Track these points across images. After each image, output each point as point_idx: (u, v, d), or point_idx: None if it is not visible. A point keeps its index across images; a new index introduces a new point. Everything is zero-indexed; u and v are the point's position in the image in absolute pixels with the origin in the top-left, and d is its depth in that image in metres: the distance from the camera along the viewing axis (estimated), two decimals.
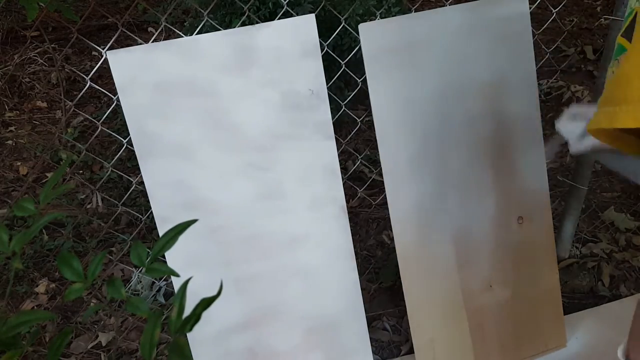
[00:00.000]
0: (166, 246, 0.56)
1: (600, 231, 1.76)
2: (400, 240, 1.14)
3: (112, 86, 1.00)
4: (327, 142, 1.08)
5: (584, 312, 1.47)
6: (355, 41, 1.99)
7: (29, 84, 2.58)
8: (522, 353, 1.29)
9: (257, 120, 1.04)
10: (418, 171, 1.13)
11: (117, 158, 1.33)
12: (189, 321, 0.48)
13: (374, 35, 1.06)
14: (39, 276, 1.65)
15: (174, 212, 1.03)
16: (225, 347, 1.12)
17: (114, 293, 0.53)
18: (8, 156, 2.19)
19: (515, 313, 1.26)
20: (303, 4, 1.90)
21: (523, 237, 1.23)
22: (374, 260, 1.68)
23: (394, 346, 1.44)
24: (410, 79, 1.09)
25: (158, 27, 1.11)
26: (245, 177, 1.06)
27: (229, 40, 1.01)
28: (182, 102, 1.00)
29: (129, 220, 1.88)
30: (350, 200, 1.89)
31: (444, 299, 1.20)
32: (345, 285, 1.15)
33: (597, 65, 2.67)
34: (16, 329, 0.49)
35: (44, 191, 0.58)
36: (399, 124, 1.10)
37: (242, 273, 1.10)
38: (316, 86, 1.05)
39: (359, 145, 2.18)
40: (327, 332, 1.16)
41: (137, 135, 1.00)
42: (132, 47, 0.97)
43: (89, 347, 1.47)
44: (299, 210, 1.10)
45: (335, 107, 1.29)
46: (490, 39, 1.13)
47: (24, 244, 0.54)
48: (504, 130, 1.18)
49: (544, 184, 1.23)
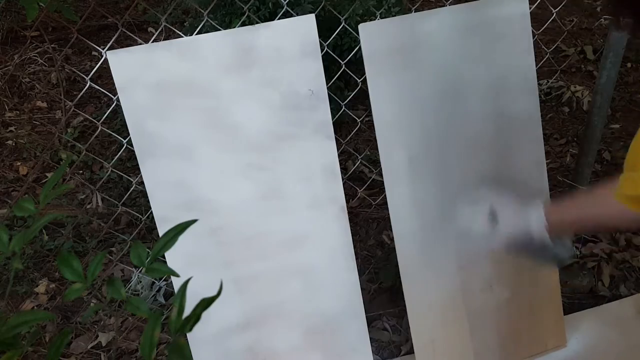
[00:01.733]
0: (166, 246, 0.56)
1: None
2: (400, 240, 1.14)
3: (112, 86, 1.00)
4: (327, 142, 1.08)
5: (584, 312, 1.47)
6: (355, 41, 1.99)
7: (29, 84, 2.58)
8: (522, 353, 1.29)
9: (257, 120, 1.04)
10: (418, 171, 1.13)
11: (117, 158, 1.34)
12: (189, 321, 0.48)
13: (373, 35, 1.06)
14: (39, 276, 1.65)
15: (174, 212, 1.03)
16: (225, 347, 1.12)
17: (114, 293, 0.53)
18: (8, 156, 2.19)
19: (515, 313, 1.26)
20: (303, 4, 1.90)
21: None
22: (374, 260, 1.68)
23: (394, 346, 1.44)
24: (410, 79, 1.09)
25: (158, 27, 1.11)
26: (245, 177, 1.06)
27: (229, 40, 1.01)
28: (182, 102, 1.00)
29: (129, 220, 1.88)
30: (350, 200, 1.89)
31: (444, 299, 1.20)
32: (345, 285, 1.15)
33: (597, 65, 2.67)
34: (16, 329, 0.49)
35: (44, 191, 0.58)
36: (399, 124, 1.10)
37: (242, 273, 1.10)
38: (316, 86, 1.05)
39: (359, 145, 2.18)
40: (327, 332, 1.16)
41: (137, 135, 1.00)
42: (132, 47, 0.97)
43: (89, 347, 1.47)
44: (299, 210, 1.10)
45: (335, 107, 1.28)
46: (490, 39, 1.13)
47: (24, 244, 0.54)
48: (504, 130, 1.18)
49: (544, 184, 1.23)
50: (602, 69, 1.37)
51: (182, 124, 1.01)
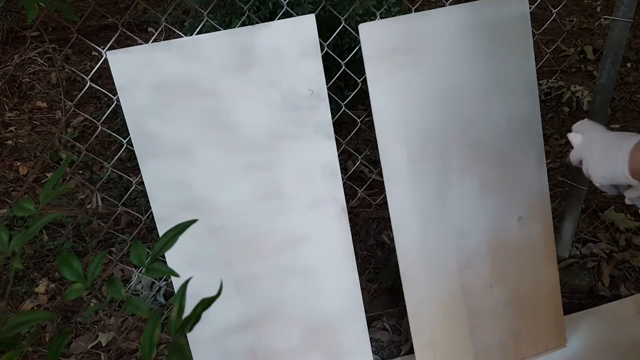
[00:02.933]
0: (166, 246, 0.56)
1: (600, 231, 1.76)
2: (400, 240, 1.14)
3: (112, 86, 1.00)
4: (327, 142, 1.08)
5: (584, 312, 1.47)
6: (355, 41, 1.99)
7: (29, 84, 2.58)
8: (522, 353, 1.29)
9: (257, 120, 1.04)
10: (418, 171, 1.13)
11: (117, 158, 1.34)
12: (189, 321, 0.48)
13: (374, 35, 1.06)
14: (39, 276, 1.65)
15: (174, 212, 1.03)
16: (225, 347, 1.12)
17: (114, 293, 0.53)
18: (8, 156, 2.19)
19: (515, 313, 1.26)
20: (303, 4, 1.90)
21: (523, 237, 1.23)
22: (374, 260, 1.68)
23: (394, 346, 1.44)
24: (410, 78, 1.09)
25: (158, 27, 1.11)
26: (245, 177, 1.06)
27: (229, 40, 1.01)
28: (182, 102, 1.00)
29: (129, 220, 1.88)
30: (350, 200, 1.89)
31: (444, 299, 1.20)
32: (345, 285, 1.15)
33: (597, 65, 2.67)
34: (16, 329, 0.49)
35: (44, 191, 0.58)
36: (399, 124, 1.10)
37: (242, 273, 1.10)
38: (316, 86, 1.05)
39: (359, 145, 2.18)
40: (327, 332, 1.16)
41: (137, 135, 1.00)
42: (132, 47, 0.97)
43: (89, 347, 1.47)
44: (299, 210, 1.10)
45: (335, 107, 1.29)
46: (490, 38, 1.13)
47: (24, 244, 0.54)
48: (504, 130, 1.18)
49: (544, 184, 1.23)
50: (602, 69, 1.37)
51: (182, 124, 1.01)
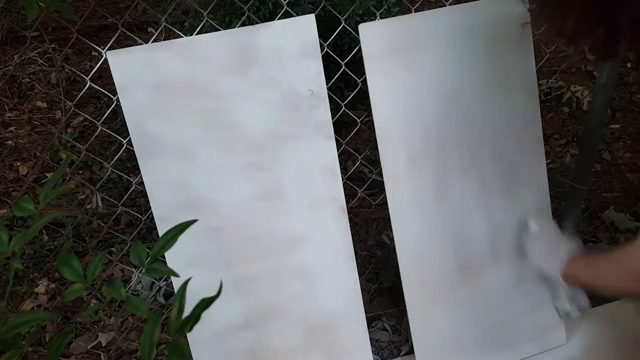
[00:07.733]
0: (166, 246, 0.56)
1: (600, 231, 1.75)
2: (400, 240, 1.14)
3: (112, 86, 1.00)
4: (327, 142, 1.08)
5: (584, 312, 1.46)
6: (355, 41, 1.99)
7: (29, 84, 2.58)
8: (522, 352, 1.29)
9: (257, 120, 1.04)
10: (418, 171, 1.13)
11: (117, 158, 1.33)
12: (189, 321, 0.48)
13: (373, 36, 1.06)
14: (39, 276, 1.65)
15: (174, 212, 1.04)
16: (225, 347, 1.12)
17: (113, 293, 0.53)
18: (8, 156, 2.19)
19: (516, 312, 1.26)
20: (303, 4, 1.90)
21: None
22: (374, 260, 1.68)
23: (394, 346, 1.44)
24: (410, 79, 1.09)
25: (158, 27, 1.11)
26: (245, 177, 1.06)
27: (229, 40, 1.01)
28: (182, 102, 1.00)
29: (129, 220, 1.88)
30: (350, 200, 1.88)
31: (444, 300, 1.20)
32: (345, 285, 1.15)
33: (597, 65, 2.67)
34: (16, 329, 0.49)
35: (44, 191, 0.58)
36: (399, 124, 1.10)
37: (242, 273, 1.10)
38: (316, 86, 1.05)
39: (359, 145, 2.18)
40: (327, 332, 1.16)
41: (137, 135, 1.00)
42: (132, 47, 0.97)
43: (89, 347, 1.47)
44: (299, 211, 1.10)
45: (335, 107, 1.28)
46: (490, 38, 1.13)
47: (24, 244, 0.54)
48: (504, 131, 1.18)
49: (544, 184, 1.23)
50: (602, 69, 1.37)
51: (182, 124, 1.01)
